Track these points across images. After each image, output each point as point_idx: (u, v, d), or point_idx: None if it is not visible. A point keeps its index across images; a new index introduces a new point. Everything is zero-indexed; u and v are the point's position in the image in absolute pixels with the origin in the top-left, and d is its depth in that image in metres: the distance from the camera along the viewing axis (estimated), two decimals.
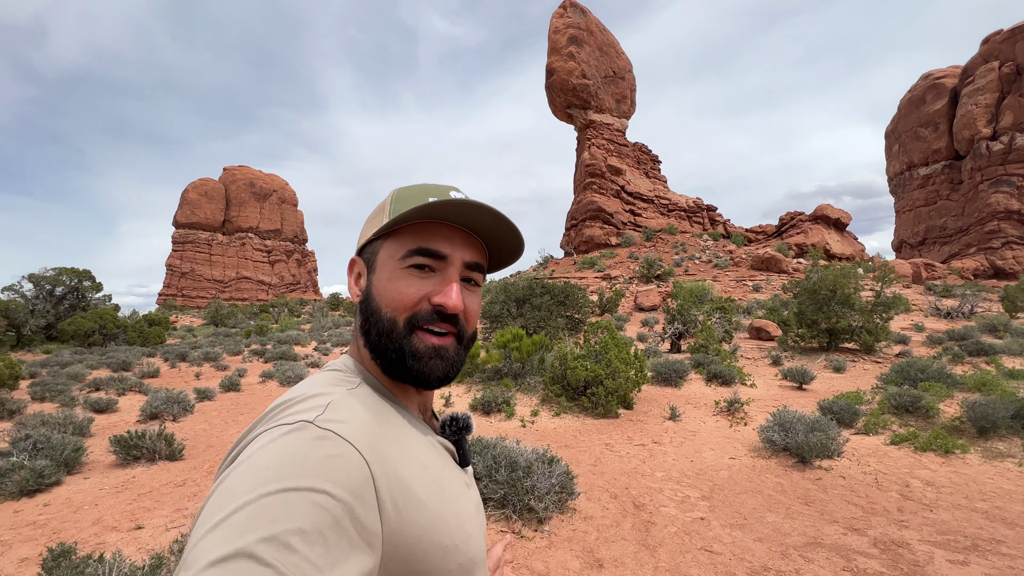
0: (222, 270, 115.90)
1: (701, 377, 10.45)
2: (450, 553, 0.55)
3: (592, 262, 44.77)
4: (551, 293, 18.63)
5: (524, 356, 8.44)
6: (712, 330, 13.19)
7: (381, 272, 0.65)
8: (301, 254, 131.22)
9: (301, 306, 57.44)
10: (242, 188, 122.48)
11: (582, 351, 8.44)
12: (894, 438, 5.99)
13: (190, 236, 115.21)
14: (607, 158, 54.70)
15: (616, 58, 61.73)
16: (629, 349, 8.34)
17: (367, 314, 0.66)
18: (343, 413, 0.54)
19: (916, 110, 68.32)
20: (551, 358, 8.13)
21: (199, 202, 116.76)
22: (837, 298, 13.11)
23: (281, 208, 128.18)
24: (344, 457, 0.49)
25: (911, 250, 68.19)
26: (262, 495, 0.43)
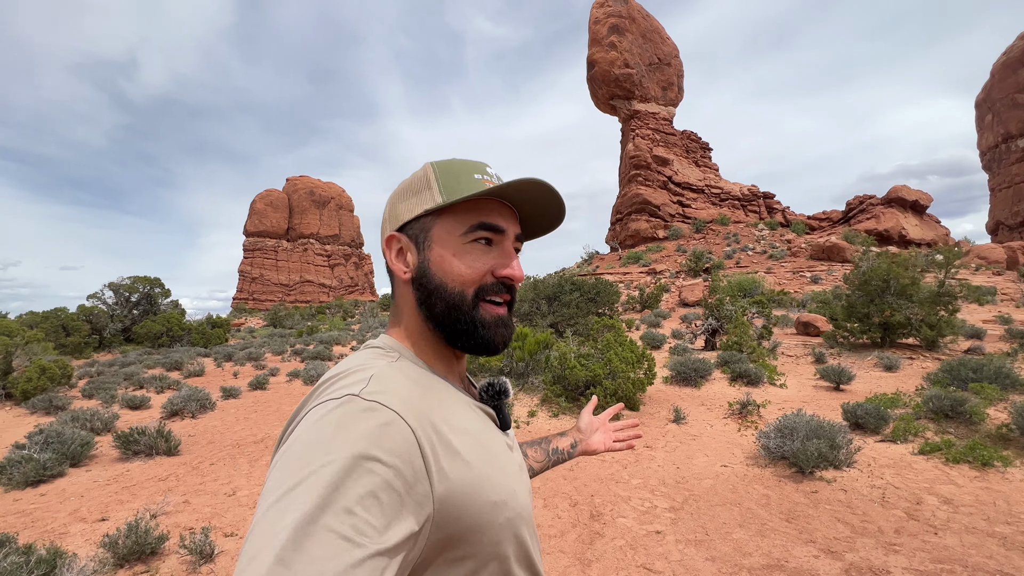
0: (287, 274, 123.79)
1: (726, 377, 9.78)
2: (498, 508, 0.59)
3: (637, 256, 43.40)
4: (581, 290, 18.21)
5: (527, 355, 8.26)
6: (746, 326, 12.32)
7: (441, 248, 0.67)
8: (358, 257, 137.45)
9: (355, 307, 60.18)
10: (303, 197, 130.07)
11: (587, 350, 8.15)
12: (923, 447, 5.26)
13: (258, 244, 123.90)
14: (652, 148, 52.79)
15: (661, 44, 59.38)
16: (635, 348, 7.94)
17: (428, 289, 0.68)
18: (386, 384, 0.57)
19: (1013, 74, 60.49)
20: (553, 357, 7.90)
21: (265, 212, 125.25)
22: (892, 289, 11.80)
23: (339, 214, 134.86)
24: (391, 425, 0.52)
25: (1009, 232, 60.54)
26: (322, 465, 0.46)
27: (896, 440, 5.64)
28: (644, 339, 15.39)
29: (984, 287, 23.71)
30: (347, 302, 68.32)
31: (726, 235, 44.26)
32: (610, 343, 7.62)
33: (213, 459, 5.55)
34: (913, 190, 45.81)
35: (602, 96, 57.21)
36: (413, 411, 0.55)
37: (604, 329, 8.73)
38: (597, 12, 56.33)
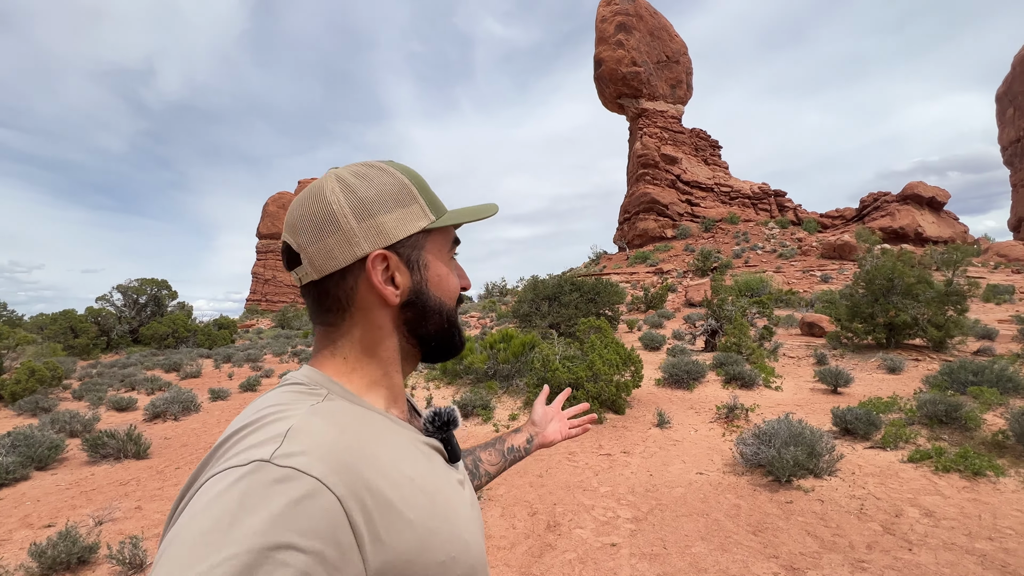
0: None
1: (720, 379, 9.51)
2: (448, 568, 0.51)
3: (644, 256, 42.93)
4: (581, 291, 17.99)
5: (511, 357, 8.11)
6: (745, 327, 12.00)
7: (437, 266, 0.65)
8: None
9: None
10: None
11: (572, 352, 7.97)
12: (913, 454, 5.00)
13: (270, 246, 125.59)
14: (660, 147, 52.22)
15: (669, 41, 58.76)
16: (621, 350, 7.74)
17: (426, 310, 0.65)
18: (307, 438, 0.47)
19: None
20: (536, 359, 7.74)
21: (277, 214, 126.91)
22: (897, 288, 11.40)
23: None
24: (311, 497, 0.42)
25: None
26: (218, 563, 0.36)
27: (886, 447, 5.38)
28: (643, 340, 15.13)
29: (1002, 286, 22.91)
30: None
31: (735, 234, 43.59)
32: (594, 345, 7.43)
33: (180, 463, 5.50)
34: (929, 186, 44.63)
35: (609, 95, 56.78)
36: (342, 470, 0.46)
37: (591, 330, 8.53)
38: (604, 10, 55.95)
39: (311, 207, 0.60)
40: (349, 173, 0.62)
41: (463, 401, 7.32)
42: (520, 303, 18.39)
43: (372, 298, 0.61)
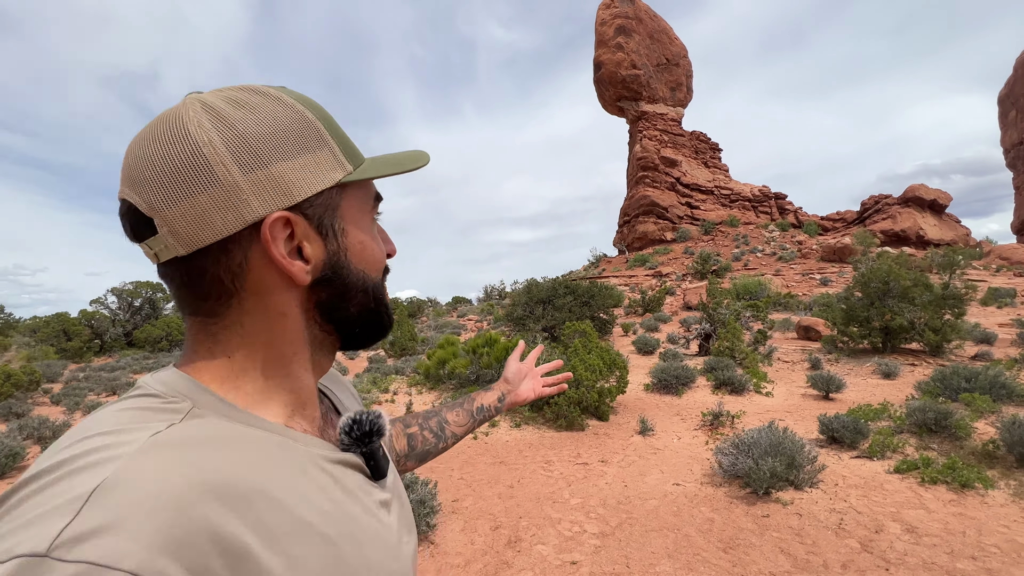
0: None
1: (710, 384, 9.31)
2: None
3: (644, 259, 42.73)
4: (575, 294, 17.82)
5: (494, 361, 7.94)
6: (738, 330, 11.80)
7: (358, 231, 0.49)
8: None
9: None
10: None
11: (556, 356, 7.79)
12: (899, 465, 4.80)
13: None
14: (660, 149, 52.10)
15: (669, 44, 58.73)
16: (607, 355, 7.56)
17: (344, 287, 0.48)
18: (124, 502, 0.29)
19: None
20: None
21: None
22: (893, 291, 11.18)
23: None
24: None
25: None
26: None
27: (872, 456, 5.18)
28: (637, 344, 14.93)
29: (1003, 289, 22.65)
30: None
31: (735, 237, 43.37)
32: (577, 350, 7.25)
33: None
34: (931, 189, 44.35)
35: (609, 98, 56.73)
36: (183, 544, 0.30)
37: (575, 334, 8.34)
38: (603, 13, 55.97)
39: (167, 148, 0.40)
40: (222, 99, 0.42)
41: None
42: (514, 306, 18.23)
43: (271, 277, 0.44)
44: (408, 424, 0.90)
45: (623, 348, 15.77)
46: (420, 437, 0.89)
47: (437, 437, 0.91)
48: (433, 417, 0.93)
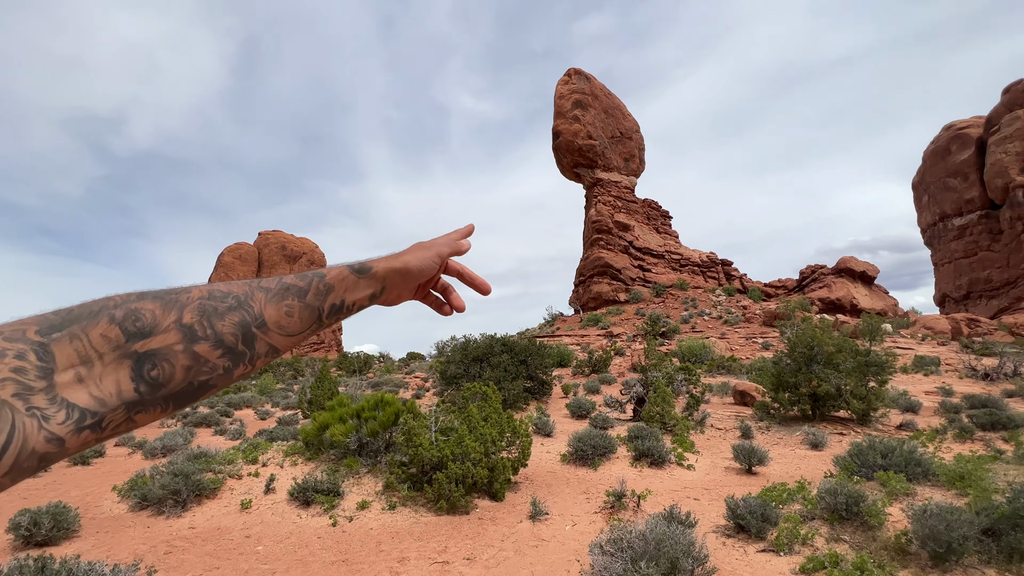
0: None
1: (631, 455, 8.52)
2: None
3: (597, 319, 42.81)
4: (512, 351, 17.02)
5: (379, 428, 6.90)
6: (668, 395, 11.23)
7: None
8: None
9: (307, 365, 56.99)
10: (274, 251, 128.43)
11: (449, 422, 6.86)
12: (806, 563, 4.08)
13: None
14: (614, 214, 54.14)
15: (622, 120, 62.96)
16: (505, 422, 6.71)
17: None
18: None
19: (942, 161, 65.82)
20: (398, 433, 6.55)
21: (233, 265, 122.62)
22: (818, 357, 11.03)
23: (309, 270, 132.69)
24: None
25: (955, 304, 62.98)
26: None
27: (779, 550, 4.45)
28: (572, 407, 14.10)
29: (928, 357, 23.55)
30: (303, 360, 64.98)
31: (684, 300, 44.43)
32: (471, 416, 6.36)
33: None
34: (860, 261, 47.53)
35: (567, 164, 59.35)
36: None
37: (475, 397, 7.47)
38: (562, 88, 59.81)
39: None
40: None
41: (305, 484, 5.98)
42: (448, 364, 17.17)
43: None
44: (166, 304, 0.47)
45: (557, 411, 14.88)
46: (192, 355, 0.47)
47: (232, 354, 0.50)
48: (234, 310, 0.51)
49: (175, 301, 0.47)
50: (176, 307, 0.47)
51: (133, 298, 0.46)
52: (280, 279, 0.57)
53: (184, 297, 0.48)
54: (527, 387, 17.28)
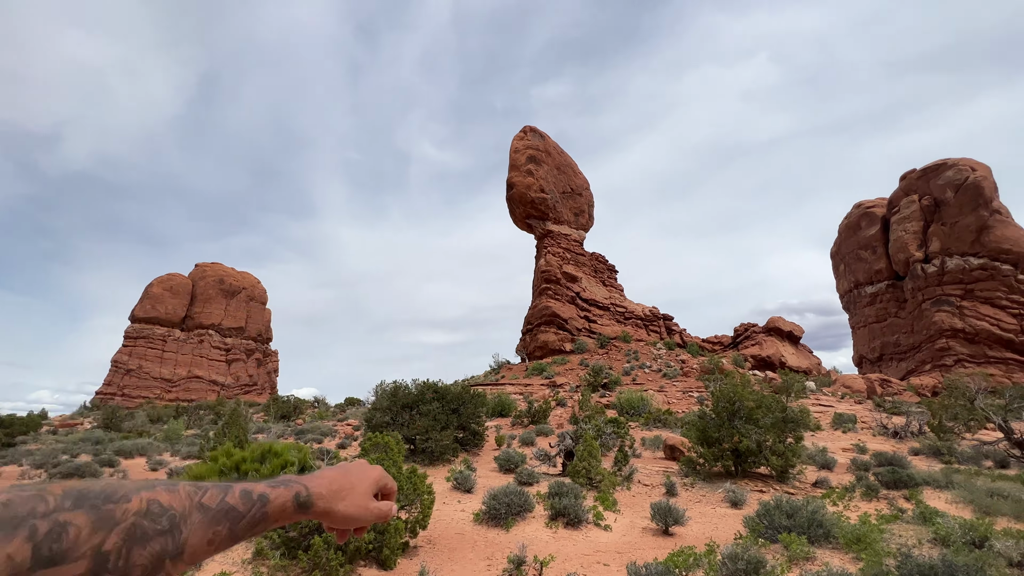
0: (172, 368, 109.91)
1: (547, 513, 8.03)
2: None
3: (541, 368, 42.55)
4: (444, 399, 16.29)
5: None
6: (595, 448, 10.94)
7: None
8: (263, 353, 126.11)
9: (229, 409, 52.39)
10: (211, 284, 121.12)
11: None
12: None
13: (145, 331, 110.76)
14: (563, 265, 55.48)
15: (574, 176, 66.14)
16: (406, 479, 6.12)
17: None
18: None
19: (854, 234, 73.23)
20: None
21: (162, 296, 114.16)
22: (740, 413, 11.21)
23: (248, 306, 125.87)
24: None
25: (871, 365, 68.09)
26: None
27: None
28: (500, 461, 13.45)
29: (846, 415, 24.82)
30: (228, 403, 59.80)
31: (627, 352, 45.26)
32: None
33: None
34: (787, 322, 50.76)
35: (519, 215, 60.93)
36: None
37: (373, 448, 6.85)
38: (517, 143, 62.42)
39: None
40: None
41: None
42: (375, 411, 16.12)
43: None
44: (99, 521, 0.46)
45: (485, 465, 14.16)
46: None
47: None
48: (162, 535, 0.50)
49: (109, 518, 0.45)
50: (106, 527, 0.45)
51: (68, 504, 0.43)
52: (224, 495, 0.56)
53: (120, 512, 0.46)
54: (459, 437, 16.46)
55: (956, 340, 54.18)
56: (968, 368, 51.83)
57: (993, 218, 55.14)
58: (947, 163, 60.79)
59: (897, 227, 63.87)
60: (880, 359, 66.29)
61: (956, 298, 55.67)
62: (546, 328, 50.75)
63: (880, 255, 67.63)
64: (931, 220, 61.36)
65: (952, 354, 54.57)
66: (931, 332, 56.75)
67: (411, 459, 14.69)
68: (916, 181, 64.44)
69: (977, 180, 56.69)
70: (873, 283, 68.83)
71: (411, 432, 15.11)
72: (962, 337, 54.03)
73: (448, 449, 14.59)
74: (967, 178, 57.53)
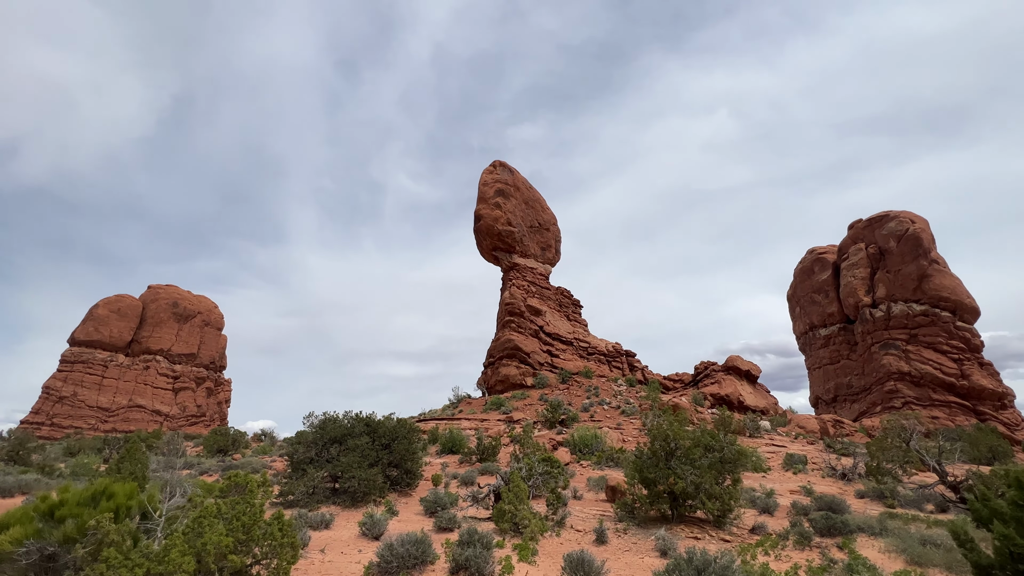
0: (112, 396, 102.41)
1: (449, 566, 7.11)
2: None
3: (500, 403, 41.33)
4: (375, 433, 15.13)
5: (78, 534, 5.04)
6: (522, 490, 10.10)
7: None
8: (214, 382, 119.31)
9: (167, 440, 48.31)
10: (163, 307, 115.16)
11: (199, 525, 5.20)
12: None
13: (84, 355, 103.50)
14: (527, 298, 55.19)
15: (541, 212, 66.96)
16: (254, 525, 5.19)
17: None
18: None
19: (808, 278, 76.25)
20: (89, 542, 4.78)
21: (107, 319, 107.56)
22: (676, 452, 10.65)
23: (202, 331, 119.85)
24: None
25: (826, 406, 69.49)
26: None
27: None
28: (426, 502, 12.35)
29: (797, 455, 24.66)
30: (165, 435, 55.27)
31: (588, 388, 44.65)
32: (203, 515, 4.80)
33: None
34: (745, 361, 51.46)
35: (486, 246, 60.85)
36: None
37: (233, 489, 5.91)
38: (486, 176, 63.07)
39: None
40: None
41: None
42: (297, 446, 14.76)
43: None
44: None
45: (410, 508, 13.00)
46: None
47: None
48: None
49: None
50: None
51: None
52: None
53: None
54: (392, 476, 15.24)
55: (903, 383, 56.04)
56: (915, 410, 53.51)
57: (932, 267, 58.46)
58: (889, 215, 64.74)
59: (847, 273, 66.89)
60: (835, 400, 67.84)
61: (902, 342, 57.99)
62: (508, 361, 49.79)
63: (832, 299, 70.40)
64: (877, 267, 64.62)
65: (900, 396, 56.28)
66: (880, 375, 58.63)
67: (333, 499, 13.38)
68: (863, 230, 68.18)
69: (916, 232, 60.39)
70: (827, 325, 71.28)
71: (335, 469, 13.85)
72: (908, 380, 55.95)
73: (374, 489, 13.37)
74: (907, 229, 61.23)
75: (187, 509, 5.57)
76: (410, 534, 7.41)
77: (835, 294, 70.36)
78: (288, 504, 12.94)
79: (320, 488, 13.48)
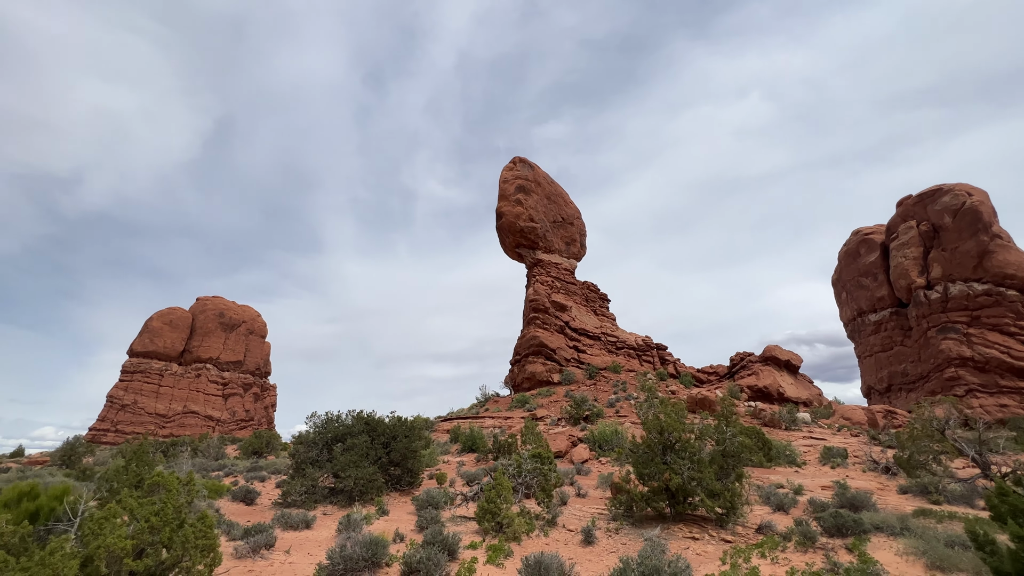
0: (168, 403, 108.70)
1: (401, 569, 6.70)
2: None
3: (525, 400, 40.80)
4: (375, 432, 14.97)
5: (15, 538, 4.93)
6: (506, 488, 9.59)
7: None
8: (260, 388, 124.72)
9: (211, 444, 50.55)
10: (210, 318, 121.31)
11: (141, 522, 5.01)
12: None
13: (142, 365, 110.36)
14: (551, 294, 54.39)
15: (564, 206, 65.93)
16: (187, 527, 4.94)
17: None
18: None
19: (854, 261, 71.64)
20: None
21: (161, 330, 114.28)
22: (674, 445, 9.85)
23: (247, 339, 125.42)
24: None
25: (880, 396, 65.12)
26: None
27: None
28: (418, 502, 12.04)
29: (836, 448, 22.93)
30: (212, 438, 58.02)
31: (615, 383, 43.45)
32: (107, 513, 4.58)
33: None
34: (785, 351, 48.76)
35: (509, 244, 60.45)
36: None
37: (158, 488, 5.69)
38: (507, 174, 62.66)
39: None
40: None
41: None
42: (299, 445, 14.79)
43: None
44: None
45: (402, 507, 12.72)
46: None
47: None
48: None
49: None
50: None
51: None
52: None
53: None
54: (394, 475, 15.05)
55: (965, 369, 51.63)
56: (980, 398, 49.20)
57: (994, 242, 53.58)
58: (943, 188, 59.85)
59: (897, 253, 62.34)
60: (888, 389, 63.41)
61: (962, 325, 53.47)
62: (534, 358, 49.18)
63: (882, 282, 65.78)
64: (931, 245, 59.86)
65: (962, 383, 51.89)
66: (939, 361, 54.26)
67: (330, 499, 13.30)
68: (913, 207, 63.38)
69: (974, 205, 55.52)
70: (876, 311, 66.70)
71: (335, 468, 13.77)
72: (971, 366, 51.50)
73: (371, 488, 13.19)
74: (964, 203, 56.40)
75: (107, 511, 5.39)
76: (366, 535, 7.05)
77: (884, 277, 65.74)
78: (288, 504, 12.93)
79: (319, 488, 13.42)
